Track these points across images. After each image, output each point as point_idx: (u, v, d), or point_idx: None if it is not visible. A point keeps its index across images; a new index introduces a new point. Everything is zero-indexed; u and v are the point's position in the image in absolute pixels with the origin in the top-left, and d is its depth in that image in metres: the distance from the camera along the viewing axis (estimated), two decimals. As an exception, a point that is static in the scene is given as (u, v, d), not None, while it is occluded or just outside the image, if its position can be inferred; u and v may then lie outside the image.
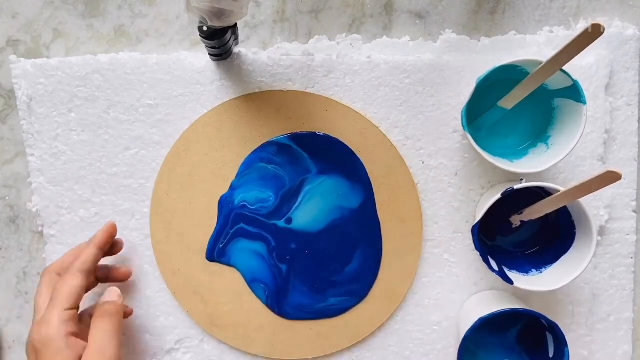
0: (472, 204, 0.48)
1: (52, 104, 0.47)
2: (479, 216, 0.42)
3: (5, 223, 0.50)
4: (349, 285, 0.48)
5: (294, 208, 0.47)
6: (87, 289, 0.44)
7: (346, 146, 0.47)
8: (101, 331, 0.40)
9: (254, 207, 0.47)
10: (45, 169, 0.48)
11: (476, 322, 0.41)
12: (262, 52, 0.47)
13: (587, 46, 0.35)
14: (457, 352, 0.42)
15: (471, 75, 0.46)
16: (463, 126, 0.42)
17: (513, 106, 0.43)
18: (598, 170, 0.47)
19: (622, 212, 0.48)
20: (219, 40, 0.41)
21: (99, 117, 0.47)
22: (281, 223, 0.47)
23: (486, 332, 0.46)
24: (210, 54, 0.45)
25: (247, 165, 0.47)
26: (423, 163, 0.47)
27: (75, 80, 0.47)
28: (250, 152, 0.47)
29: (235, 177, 0.47)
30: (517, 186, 0.41)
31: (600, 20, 0.34)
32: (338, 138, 0.47)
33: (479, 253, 0.42)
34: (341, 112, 0.47)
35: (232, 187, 0.47)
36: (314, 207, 0.47)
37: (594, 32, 0.34)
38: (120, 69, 0.47)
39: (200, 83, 0.47)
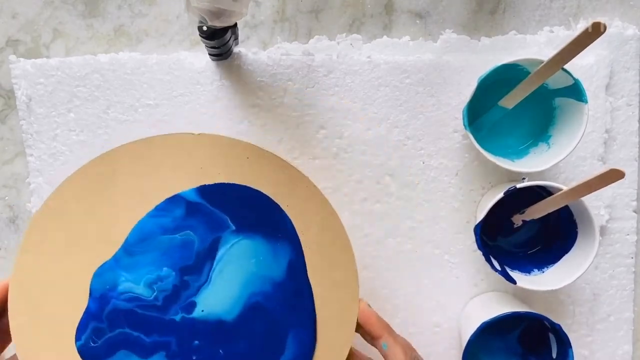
0: (472, 204, 0.48)
1: (51, 104, 0.47)
2: (481, 216, 0.42)
3: (5, 223, 0.49)
4: None
5: (199, 287, 0.36)
6: None
7: (270, 199, 0.38)
8: None
9: (147, 299, 0.36)
10: (44, 169, 0.48)
11: (479, 326, 0.41)
12: (262, 52, 0.47)
13: (587, 45, 0.35)
14: (459, 354, 0.42)
15: (471, 75, 0.46)
16: (464, 125, 0.42)
17: (514, 106, 0.43)
18: (599, 170, 0.47)
19: (623, 212, 0.48)
20: (219, 40, 0.40)
21: (98, 117, 0.47)
22: (180, 315, 0.36)
23: (488, 334, 0.45)
24: (210, 54, 0.45)
25: (141, 230, 0.36)
26: (423, 163, 0.47)
27: (75, 80, 0.47)
28: (149, 210, 0.37)
29: (122, 246, 0.36)
30: (519, 185, 0.41)
31: (600, 20, 0.34)
32: (260, 190, 0.38)
33: (481, 253, 0.42)
34: (266, 159, 0.38)
35: (116, 260, 0.36)
36: (227, 281, 0.37)
37: (594, 32, 0.34)
38: (120, 69, 0.47)
39: (200, 83, 0.47)
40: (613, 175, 0.35)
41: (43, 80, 0.47)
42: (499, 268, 0.43)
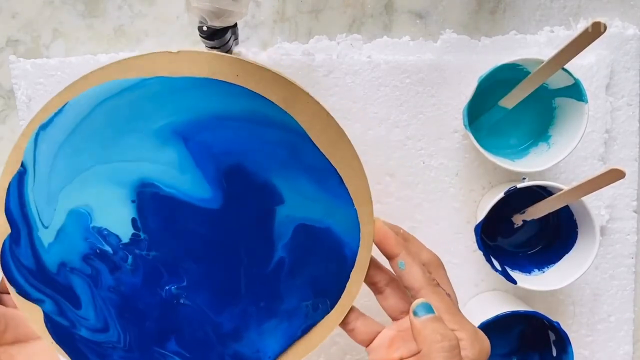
0: (473, 205, 0.48)
1: (51, 104, 0.47)
2: (482, 216, 0.42)
3: (4, 223, 0.49)
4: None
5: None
6: None
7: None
8: None
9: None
10: (44, 170, 0.48)
11: (479, 326, 0.41)
12: (262, 52, 0.47)
13: (587, 45, 0.35)
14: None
15: (472, 75, 0.46)
16: (465, 125, 0.42)
17: (514, 106, 0.43)
18: (599, 169, 0.47)
19: (623, 212, 0.48)
20: (219, 40, 0.40)
21: (98, 117, 0.47)
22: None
23: (488, 333, 0.45)
24: (210, 54, 0.45)
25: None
26: (424, 163, 0.47)
27: (75, 80, 0.47)
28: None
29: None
30: (519, 185, 0.41)
31: (600, 19, 0.34)
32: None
33: (481, 253, 0.42)
34: (257, 76, 0.34)
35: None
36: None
37: (594, 31, 0.34)
38: (120, 69, 0.47)
39: (200, 83, 0.47)
40: (613, 175, 0.35)
41: (43, 80, 0.47)
42: (499, 268, 0.43)
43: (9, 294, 0.36)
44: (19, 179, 0.33)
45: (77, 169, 0.33)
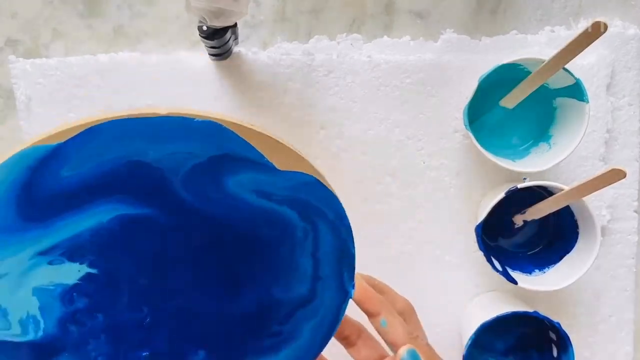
0: (473, 205, 0.48)
1: (51, 104, 0.47)
2: (482, 216, 0.41)
3: (3, 224, 0.49)
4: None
5: None
6: None
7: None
8: None
9: None
10: (44, 170, 0.47)
11: (479, 327, 0.41)
12: (262, 52, 0.47)
13: (588, 45, 0.35)
14: (459, 355, 0.42)
15: (472, 75, 0.46)
16: (465, 125, 0.42)
17: (515, 105, 0.43)
18: (600, 169, 0.47)
19: (624, 213, 0.48)
20: (219, 40, 0.40)
21: (98, 117, 0.47)
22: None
23: (489, 334, 0.45)
24: (210, 54, 0.45)
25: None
26: (424, 163, 0.47)
27: (75, 80, 0.47)
28: None
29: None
30: (520, 185, 0.41)
31: (601, 19, 0.34)
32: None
33: (482, 253, 0.42)
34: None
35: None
36: None
37: (594, 31, 0.34)
38: (120, 69, 0.46)
39: (200, 83, 0.47)
40: (614, 175, 0.35)
41: (42, 80, 0.47)
42: (500, 268, 0.43)
43: None
44: None
45: None
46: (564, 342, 0.41)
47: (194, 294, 0.32)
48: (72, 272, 0.30)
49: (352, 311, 0.36)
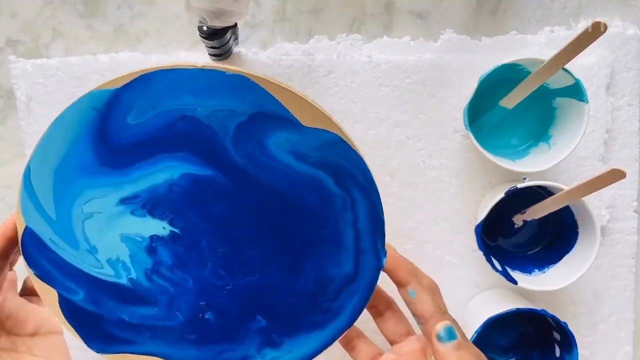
0: (473, 205, 0.48)
1: (51, 104, 0.47)
2: (482, 216, 0.41)
3: (4, 224, 0.49)
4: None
5: None
6: None
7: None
8: None
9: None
10: (44, 170, 0.47)
11: (485, 321, 0.41)
12: (262, 52, 0.47)
13: (588, 45, 0.35)
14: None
15: (472, 75, 0.46)
16: (465, 125, 0.42)
17: (514, 106, 0.43)
18: (600, 170, 0.47)
19: (624, 213, 0.48)
20: (219, 40, 0.40)
21: (98, 117, 0.47)
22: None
23: (493, 330, 0.45)
24: (210, 54, 0.45)
25: None
26: (424, 163, 0.47)
27: (75, 80, 0.47)
28: None
29: None
30: (520, 185, 0.41)
31: (601, 19, 0.34)
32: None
33: (482, 253, 0.42)
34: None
35: None
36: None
37: (594, 31, 0.34)
38: (120, 69, 0.46)
39: (200, 83, 0.47)
40: (614, 175, 0.35)
41: (43, 80, 0.47)
42: (499, 268, 0.43)
43: (36, 295, 0.36)
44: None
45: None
46: (568, 342, 0.41)
47: (264, 268, 0.34)
48: (157, 228, 0.33)
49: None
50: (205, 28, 0.39)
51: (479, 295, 0.48)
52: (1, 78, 0.49)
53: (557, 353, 0.43)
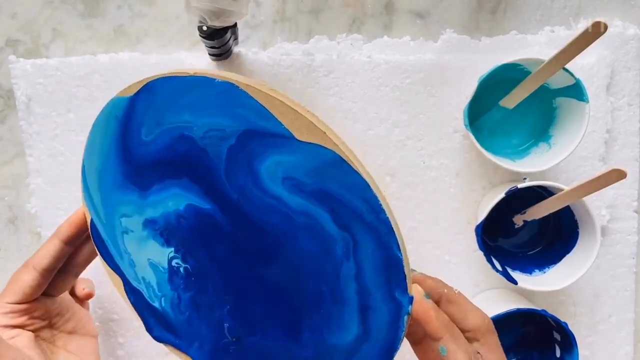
0: (473, 205, 0.48)
1: (51, 104, 0.47)
2: (482, 216, 0.41)
3: (4, 224, 0.49)
4: None
5: None
6: (54, 290, 0.38)
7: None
8: None
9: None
10: (43, 170, 0.47)
11: None
12: (262, 52, 0.47)
13: (588, 45, 0.35)
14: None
15: (472, 75, 0.46)
16: (465, 125, 0.42)
17: (515, 105, 0.43)
18: (600, 170, 0.47)
19: (624, 213, 0.48)
20: (219, 40, 0.40)
21: (98, 117, 0.47)
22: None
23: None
24: (210, 54, 0.45)
25: None
26: (424, 163, 0.47)
27: (75, 80, 0.47)
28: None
29: None
30: (520, 185, 0.41)
31: (601, 19, 0.34)
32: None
33: (482, 253, 0.42)
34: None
35: None
36: None
37: (594, 31, 0.34)
38: (120, 69, 0.46)
39: (200, 83, 0.47)
40: (615, 175, 0.35)
41: (42, 80, 0.47)
42: (500, 268, 0.43)
43: (84, 299, 0.41)
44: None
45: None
46: (568, 343, 0.41)
47: (264, 328, 0.32)
48: (173, 261, 0.33)
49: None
50: (205, 28, 0.39)
51: (479, 296, 0.48)
52: (1, 78, 0.49)
53: (558, 353, 0.43)
